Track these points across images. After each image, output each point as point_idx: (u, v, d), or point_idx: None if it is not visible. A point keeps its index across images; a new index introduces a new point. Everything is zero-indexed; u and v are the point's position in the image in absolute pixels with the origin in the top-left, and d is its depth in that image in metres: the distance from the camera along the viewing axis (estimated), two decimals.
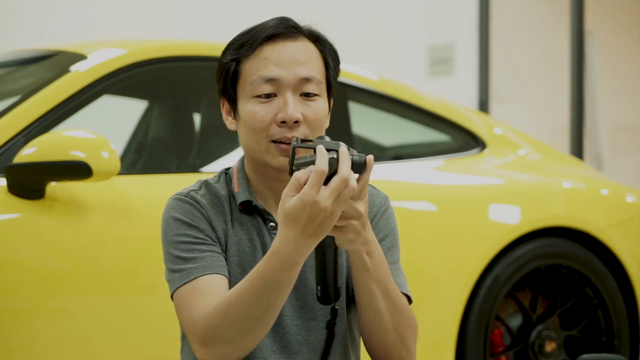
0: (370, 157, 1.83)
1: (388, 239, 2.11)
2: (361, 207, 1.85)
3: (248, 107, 2.03)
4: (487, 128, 4.04)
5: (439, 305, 3.55)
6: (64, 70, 3.30)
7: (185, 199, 2.07)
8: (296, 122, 2.01)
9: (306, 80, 2.03)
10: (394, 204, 2.24)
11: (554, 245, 3.73)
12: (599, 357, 1.99)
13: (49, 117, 3.18)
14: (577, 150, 7.15)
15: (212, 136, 3.65)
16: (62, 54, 3.51)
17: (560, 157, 4.25)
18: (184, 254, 2.01)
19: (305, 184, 1.78)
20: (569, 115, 7.21)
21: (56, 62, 3.46)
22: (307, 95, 2.03)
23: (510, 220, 3.68)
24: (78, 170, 2.94)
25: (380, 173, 3.71)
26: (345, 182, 1.78)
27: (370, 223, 2.08)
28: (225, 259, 2.05)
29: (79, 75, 3.28)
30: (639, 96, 8.04)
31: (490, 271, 3.62)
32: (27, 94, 3.22)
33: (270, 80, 2.02)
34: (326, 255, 1.90)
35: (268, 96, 2.03)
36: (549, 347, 3.72)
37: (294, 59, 2.03)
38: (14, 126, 3.13)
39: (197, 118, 3.77)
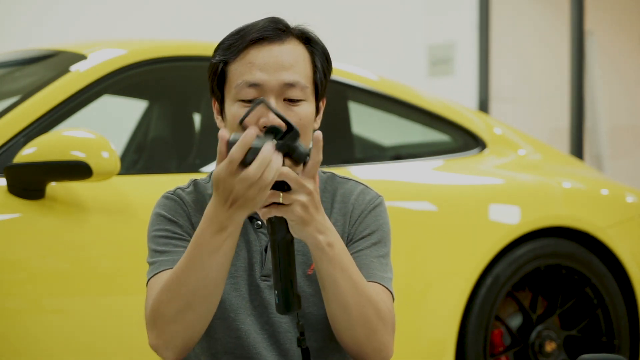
0: (317, 134, 1.83)
1: (375, 234, 2.09)
2: (309, 184, 1.84)
3: (232, 110, 2.03)
4: (487, 128, 4.04)
5: (439, 305, 3.55)
6: (64, 70, 3.30)
7: (171, 197, 2.10)
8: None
9: (290, 85, 2.01)
10: (395, 203, 2.23)
11: (554, 245, 3.74)
12: (599, 357, 1.99)
13: (49, 117, 3.18)
14: (577, 150, 7.15)
15: (212, 136, 3.65)
16: (62, 54, 3.51)
17: (560, 157, 4.25)
18: (159, 247, 2.05)
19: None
20: (569, 115, 7.21)
21: (56, 62, 3.47)
22: (291, 101, 2.02)
23: (510, 220, 3.68)
24: (78, 170, 2.94)
25: (381, 173, 3.71)
26: (253, 180, 1.77)
27: (357, 219, 2.09)
28: None
29: (79, 75, 3.28)
30: (639, 96, 8.04)
31: (490, 271, 3.62)
32: (27, 94, 3.22)
33: (253, 85, 2.01)
34: (280, 253, 1.85)
35: (251, 101, 2.02)
36: (549, 347, 3.72)
37: (278, 64, 2.01)
38: (14, 126, 3.13)
39: (197, 118, 3.77)
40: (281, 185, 1.82)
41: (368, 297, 1.96)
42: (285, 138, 1.81)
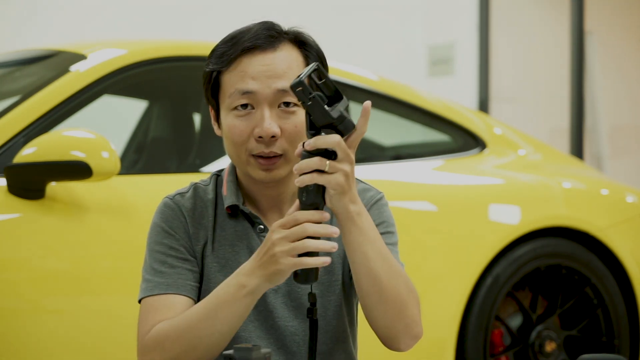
0: (367, 104, 1.83)
1: (381, 226, 2.08)
2: (352, 154, 1.85)
3: (228, 120, 2.02)
4: (487, 128, 4.04)
5: (439, 305, 3.55)
6: (64, 70, 3.30)
7: (170, 204, 2.09)
8: (273, 136, 1.99)
9: (283, 92, 1.99)
10: (394, 203, 2.23)
11: (554, 245, 3.73)
12: (599, 357, 1.99)
13: (49, 117, 3.18)
14: (577, 150, 7.15)
15: (212, 136, 3.65)
16: (62, 54, 3.51)
17: (560, 157, 4.25)
18: (155, 265, 2.06)
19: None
20: (569, 115, 7.21)
21: (56, 62, 3.47)
22: (286, 106, 2.00)
23: (510, 220, 3.68)
24: (78, 170, 2.94)
25: (380, 173, 3.71)
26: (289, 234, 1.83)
27: None
28: (202, 269, 2.07)
29: (79, 75, 3.28)
30: (639, 96, 8.04)
31: (490, 271, 3.62)
32: (27, 94, 3.22)
33: (246, 94, 2.00)
34: None
35: (245, 107, 2.01)
36: (549, 347, 3.72)
37: (270, 71, 2.00)
38: (14, 126, 3.12)
39: (197, 118, 3.77)
40: (329, 154, 1.82)
41: (397, 270, 1.95)
42: (338, 104, 1.82)
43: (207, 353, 1.94)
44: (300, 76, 1.80)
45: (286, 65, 2.01)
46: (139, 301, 2.08)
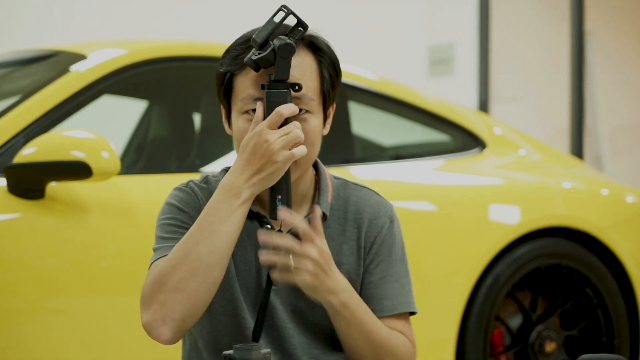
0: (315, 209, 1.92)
1: (396, 251, 2.13)
2: (311, 251, 1.89)
3: (239, 122, 2.01)
4: (487, 128, 4.04)
5: (439, 305, 3.55)
6: (64, 70, 3.30)
7: (184, 189, 2.09)
8: None
9: (295, 98, 1.97)
10: (395, 203, 2.24)
11: (554, 245, 3.73)
12: (599, 357, 1.99)
13: (49, 117, 3.18)
14: (577, 150, 7.15)
15: (212, 136, 3.65)
16: (62, 54, 3.51)
17: (560, 157, 4.25)
18: (166, 235, 2.04)
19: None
20: (569, 115, 7.21)
21: (56, 62, 3.47)
22: (297, 112, 1.98)
23: (510, 220, 3.68)
24: (78, 170, 2.94)
25: (381, 173, 3.71)
26: (287, 134, 1.89)
27: (376, 237, 2.11)
28: None
29: (79, 75, 3.28)
30: (639, 96, 8.05)
31: (490, 271, 3.62)
32: (27, 94, 3.22)
33: (259, 99, 1.98)
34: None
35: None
36: (549, 347, 3.72)
37: None
38: (14, 126, 3.13)
39: (197, 118, 3.77)
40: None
41: (387, 347, 2.03)
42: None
43: (207, 276, 1.92)
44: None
45: (299, 71, 1.99)
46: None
